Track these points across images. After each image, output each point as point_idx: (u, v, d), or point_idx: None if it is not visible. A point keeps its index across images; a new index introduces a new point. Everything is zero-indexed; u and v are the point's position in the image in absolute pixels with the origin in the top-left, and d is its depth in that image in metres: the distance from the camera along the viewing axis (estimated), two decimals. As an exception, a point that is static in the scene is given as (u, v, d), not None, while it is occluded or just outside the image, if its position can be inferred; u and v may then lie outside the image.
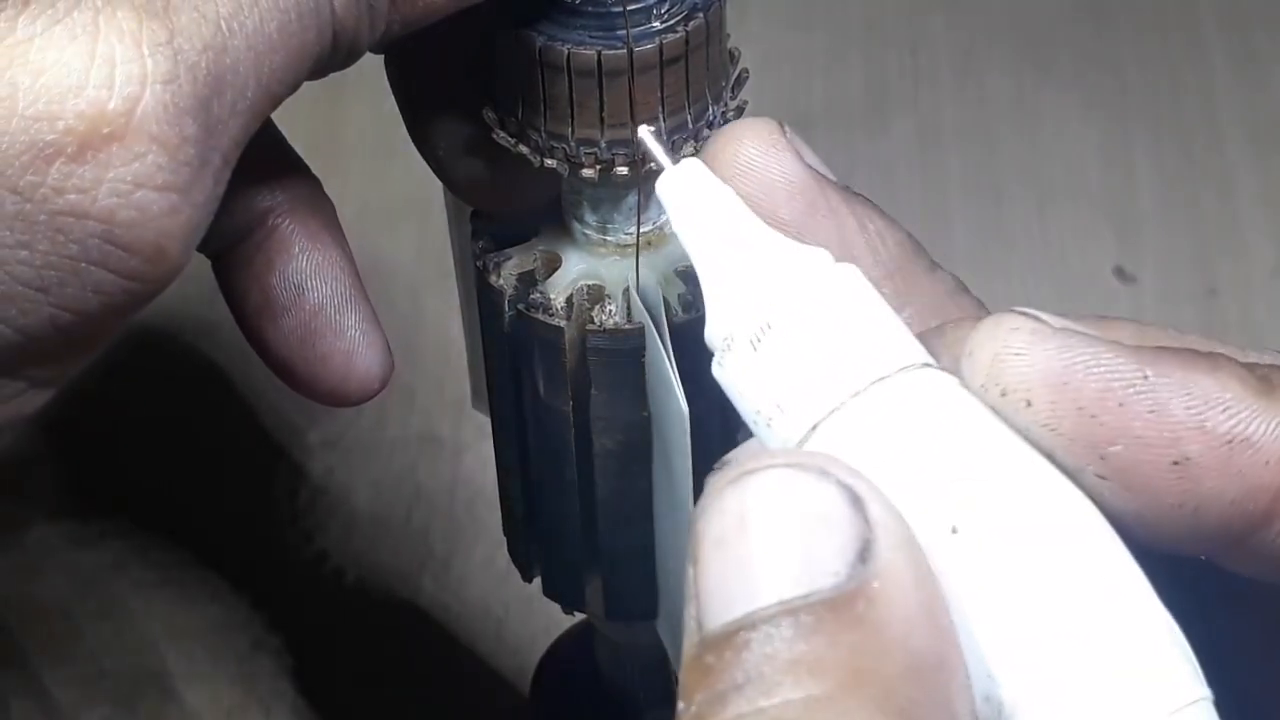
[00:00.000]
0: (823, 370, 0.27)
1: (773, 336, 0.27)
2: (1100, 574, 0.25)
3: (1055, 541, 0.25)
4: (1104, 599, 0.25)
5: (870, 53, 0.80)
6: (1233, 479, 0.26)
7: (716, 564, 0.24)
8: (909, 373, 0.27)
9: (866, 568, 0.24)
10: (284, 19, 0.29)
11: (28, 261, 0.28)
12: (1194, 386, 0.26)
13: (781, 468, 0.25)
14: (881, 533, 0.24)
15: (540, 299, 0.37)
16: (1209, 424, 0.26)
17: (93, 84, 0.27)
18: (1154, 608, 0.26)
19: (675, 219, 0.30)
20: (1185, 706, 0.25)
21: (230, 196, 0.36)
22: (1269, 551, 0.27)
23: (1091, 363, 0.26)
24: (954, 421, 0.26)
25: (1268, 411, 0.26)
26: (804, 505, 0.24)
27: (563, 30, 0.34)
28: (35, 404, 0.30)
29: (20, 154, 0.27)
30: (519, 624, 0.60)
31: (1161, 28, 0.81)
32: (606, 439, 0.39)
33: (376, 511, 0.63)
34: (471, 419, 0.51)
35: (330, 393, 0.38)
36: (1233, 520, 0.26)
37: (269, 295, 0.37)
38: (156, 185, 0.28)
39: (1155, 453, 0.26)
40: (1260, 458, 0.26)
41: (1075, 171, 0.75)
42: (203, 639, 0.59)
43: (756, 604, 0.24)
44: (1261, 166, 0.75)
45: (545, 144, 0.35)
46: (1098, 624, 0.25)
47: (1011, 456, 0.26)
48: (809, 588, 0.24)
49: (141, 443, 0.65)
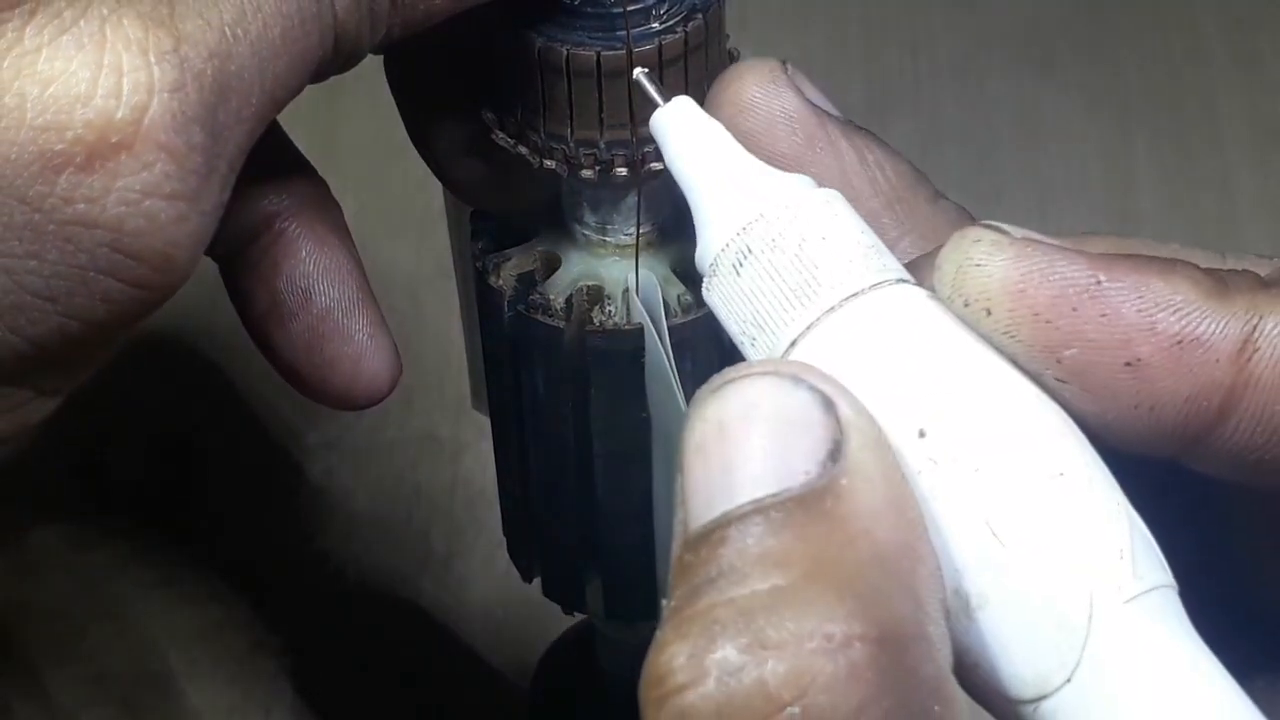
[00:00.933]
0: (799, 290, 0.28)
1: (752, 260, 0.29)
2: (1061, 469, 0.26)
3: (1017, 440, 0.26)
4: (1065, 494, 0.26)
5: (870, 53, 0.80)
6: (1184, 378, 0.27)
7: (698, 469, 0.26)
8: (882, 288, 0.28)
9: (836, 466, 0.25)
10: (287, 24, 0.29)
11: (37, 271, 0.28)
12: (1145, 289, 0.27)
13: (758, 376, 0.26)
14: (852, 433, 0.25)
15: (540, 300, 0.37)
16: (1159, 325, 0.27)
17: (100, 93, 0.27)
18: (1115, 501, 0.26)
19: (666, 153, 0.31)
20: (1143, 594, 0.26)
21: (237, 200, 0.35)
22: (1227, 448, 0.27)
23: (1046, 270, 0.27)
24: (921, 332, 0.27)
25: (1217, 312, 0.27)
26: (778, 410, 0.25)
27: (562, 31, 0.34)
28: (42, 412, 0.30)
29: (29, 164, 0.27)
30: (519, 624, 0.60)
31: (1161, 28, 0.81)
32: (606, 440, 0.39)
33: (376, 512, 0.63)
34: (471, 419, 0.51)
35: (338, 397, 0.38)
36: (1189, 419, 0.27)
37: (276, 299, 0.37)
38: (164, 194, 0.28)
39: (1108, 355, 0.27)
40: (1210, 356, 0.27)
41: (1075, 171, 0.75)
42: (203, 640, 0.59)
43: (733, 504, 0.25)
44: (1261, 167, 0.75)
45: (544, 145, 0.35)
46: (1059, 517, 0.26)
47: (974, 363, 0.27)
48: (780, 486, 0.25)
49: (141, 444, 0.65)
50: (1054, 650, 0.25)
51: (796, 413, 0.25)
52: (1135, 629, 0.25)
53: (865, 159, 0.32)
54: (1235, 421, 0.27)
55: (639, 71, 0.34)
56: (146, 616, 0.59)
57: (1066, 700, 0.25)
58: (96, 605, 0.59)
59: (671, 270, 0.37)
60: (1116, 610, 0.25)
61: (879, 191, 0.32)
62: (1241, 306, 0.27)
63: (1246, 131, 0.76)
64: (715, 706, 0.23)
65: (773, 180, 0.30)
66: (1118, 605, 0.25)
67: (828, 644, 0.23)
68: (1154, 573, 0.26)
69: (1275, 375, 0.27)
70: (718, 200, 0.30)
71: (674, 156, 0.31)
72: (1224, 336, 0.27)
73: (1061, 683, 0.25)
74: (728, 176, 0.30)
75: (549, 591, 0.44)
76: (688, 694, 0.24)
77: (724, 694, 0.23)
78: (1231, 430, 0.27)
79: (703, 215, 0.30)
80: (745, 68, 0.33)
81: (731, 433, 0.25)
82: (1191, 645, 0.26)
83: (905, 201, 0.32)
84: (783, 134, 0.32)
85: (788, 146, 0.32)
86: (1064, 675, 0.25)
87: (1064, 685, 0.25)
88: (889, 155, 0.33)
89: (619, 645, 0.48)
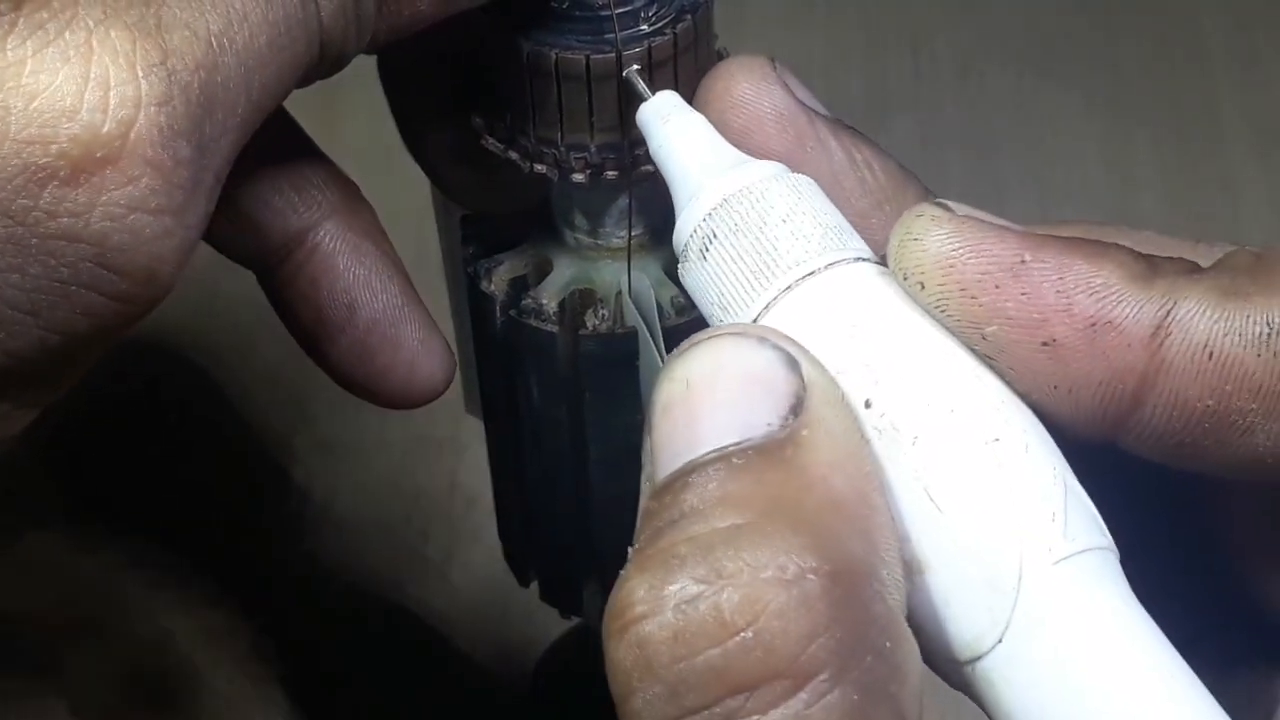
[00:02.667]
0: (759, 271, 0.29)
1: (716, 245, 0.29)
2: (996, 435, 0.27)
3: (952, 408, 0.27)
4: (999, 459, 0.27)
5: (870, 53, 0.80)
6: (1098, 361, 0.27)
7: (665, 425, 0.26)
8: (837, 267, 0.29)
9: (797, 420, 0.25)
10: (274, 32, 0.29)
11: (18, 285, 0.27)
12: (1067, 271, 0.27)
13: (724, 336, 0.27)
14: (815, 390, 0.26)
15: (532, 304, 0.37)
16: (1075, 307, 0.27)
17: (87, 107, 0.27)
18: (1050, 465, 0.27)
19: (651, 144, 0.32)
20: (1075, 555, 0.26)
21: (267, 214, 0.35)
22: (1148, 433, 0.27)
23: (975, 245, 0.27)
24: (868, 307, 0.28)
25: (1135, 296, 0.27)
26: (744, 367, 0.26)
27: (551, 35, 0.34)
28: (20, 424, 0.30)
29: (13, 177, 0.27)
30: (517, 626, 0.60)
31: (1162, 27, 0.80)
32: (601, 443, 0.38)
33: (374, 514, 0.63)
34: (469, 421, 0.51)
35: (394, 402, 0.38)
36: (1106, 402, 0.27)
37: (321, 315, 0.37)
38: (150, 209, 0.28)
39: (1025, 333, 0.27)
40: (1123, 340, 0.27)
41: (1075, 171, 0.75)
42: (201, 642, 0.59)
43: (697, 454, 0.26)
44: (1262, 166, 0.75)
45: (534, 149, 0.35)
46: (992, 481, 0.26)
47: (915, 336, 0.28)
48: (743, 436, 0.25)
49: (137, 448, 0.65)
50: (986, 612, 0.26)
51: (761, 370, 0.26)
52: (1065, 589, 0.26)
53: (854, 158, 0.33)
54: (1151, 407, 0.27)
55: (630, 69, 0.34)
56: (143, 620, 0.59)
57: (999, 660, 0.26)
58: (93, 609, 0.59)
59: (664, 273, 0.37)
60: (1046, 571, 0.26)
61: (868, 191, 0.33)
62: (1159, 291, 0.27)
63: (1247, 131, 0.76)
64: (672, 633, 0.24)
65: (746, 167, 0.30)
66: (1047, 566, 0.26)
67: (781, 574, 0.24)
68: (1087, 535, 0.26)
69: (1187, 361, 0.27)
70: (692, 188, 0.31)
71: (657, 147, 0.32)
72: (1137, 321, 0.27)
73: (994, 643, 0.26)
74: (704, 165, 0.31)
75: (546, 595, 0.43)
76: (646, 623, 0.24)
77: (680, 621, 0.24)
78: (1149, 415, 0.27)
79: (679, 203, 0.31)
80: (734, 64, 0.33)
81: (697, 389, 0.26)
82: (1124, 607, 0.26)
83: (895, 201, 0.32)
84: (772, 131, 0.32)
85: (778, 144, 0.32)
86: (996, 635, 0.26)
87: (996, 645, 0.26)
88: (877, 154, 0.33)
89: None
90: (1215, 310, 0.27)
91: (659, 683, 0.24)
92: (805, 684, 0.24)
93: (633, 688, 0.25)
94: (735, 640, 0.24)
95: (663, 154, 0.32)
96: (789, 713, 0.24)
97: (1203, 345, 0.27)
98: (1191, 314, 0.27)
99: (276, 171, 0.35)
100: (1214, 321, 0.27)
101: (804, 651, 0.24)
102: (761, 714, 0.24)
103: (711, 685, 0.24)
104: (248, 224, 0.35)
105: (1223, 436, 0.27)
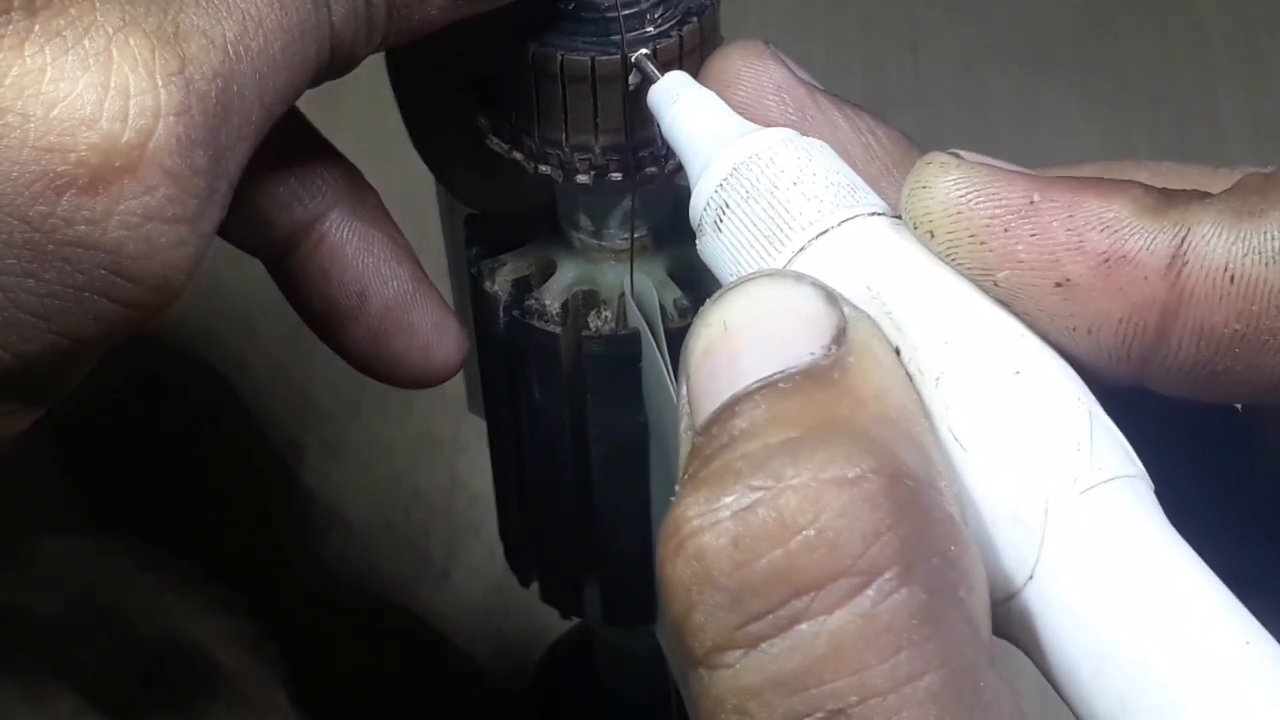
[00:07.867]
0: (772, 236, 0.29)
1: (730, 214, 0.29)
2: (1017, 368, 0.26)
3: (971, 346, 0.27)
4: (1020, 392, 0.26)
5: (870, 53, 0.80)
6: (1115, 297, 0.26)
7: (705, 369, 0.26)
8: (852, 222, 0.28)
9: (841, 349, 0.25)
10: (288, 38, 0.29)
11: (32, 290, 0.27)
12: (1077, 209, 0.27)
13: (757, 278, 0.26)
14: (855, 321, 0.26)
15: (535, 305, 0.37)
16: (1087, 244, 0.26)
17: (106, 116, 0.27)
18: (1074, 395, 0.26)
19: (662, 123, 0.32)
20: (1101, 483, 0.25)
21: (273, 205, 0.35)
22: (1176, 367, 0.27)
23: (983, 190, 0.27)
24: (884, 257, 0.28)
25: (1147, 228, 0.26)
26: (782, 303, 0.26)
27: (556, 36, 0.34)
28: (25, 421, 0.30)
29: (31, 184, 0.27)
30: (518, 626, 0.60)
31: (1162, 27, 0.80)
32: (603, 444, 0.38)
33: (375, 514, 0.63)
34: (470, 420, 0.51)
35: (410, 383, 0.38)
36: (1129, 340, 0.27)
37: (332, 304, 0.37)
38: (166, 218, 0.28)
39: (1038, 276, 0.27)
40: (1139, 273, 0.26)
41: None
42: (202, 644, 0.59)
43: (740, 387, 0.25)
44: (1262, 166, 0.75)
45: (539, 150, 0.35)
46: (1013, 415, 0.26)
47: (932, 281, 0.27)
48: (787, 365, 0.25)
49: (138, 449, 0.65)
50: (1015, 549, 0.25)
51: (800, 304, 0.26)
52: (1093, 520, 0.25)
53: (858, 126, 0.32)
54: (1176, 339, 0.26)
55: (639, 52, 0.34)
56: (145, 622, 0.59)
57: (1032, 597, 0.25)
58: (94, 613, 0.59)
59: (667, 274, 0.37)
60: (1072, 501, 0.25)
61: (874, 157, 0.32)
62: (1171, 220, 0.26)
63: (1247, 131, 0.76)
64: (731, 540, 0.23)
65: (755, 136, 0.30)
66: (1074, 497, 0.25)
67: (842, 474, 0.23)
68: (1115, 463, 0.26)
69: (1209, 287, 0.26)
70: (704, 160, 0.30)
71: (668, 126, 0.32)
72: (1152, 252, 0.26)
73: (1025, 580, 0.25)
74: (714, 137, 0.30)
75: (547, 596, 0.43)
76: (703, 535, 0.24)
77: (740, 527, 0.23)
78: (1175, 348, 0.27)
79: (693, 178, 0.31)
80: (731, 46, 0.33)
81: (736, 328, 0.26)
82: (1157, 534, 0.25)
83: (902, 166, 0.32)
84: (773, 104, 0.32)
85: (779, 116, 0.32)
86: (1026, 572, 0.25)
87: (1028, 583, 0.25)
88: (880, 123, 0.33)
89: (617, 649, 0.48)
90: (1231, 232, 0.26)
91: (720, 591, 0.23)
92: (871, 582, 0.23)
93: (693, 602, 0.24)
94: (798, 539, 0.23)
95: (674, 131, 0.32)
96: (856, 611, 0.23)
97: (1222, 268, 0.26)
98: (1207, 239, 0.26)
99: (281, 162, 0.35)
100: (1232, 243, 0.26)
101: (868, 549, 0.23)
102: (827, 614, 0.23)
103: (775, 588, 0.23)
104: (254, 216, 0.35)
105: (1254, 360, 0.26)
